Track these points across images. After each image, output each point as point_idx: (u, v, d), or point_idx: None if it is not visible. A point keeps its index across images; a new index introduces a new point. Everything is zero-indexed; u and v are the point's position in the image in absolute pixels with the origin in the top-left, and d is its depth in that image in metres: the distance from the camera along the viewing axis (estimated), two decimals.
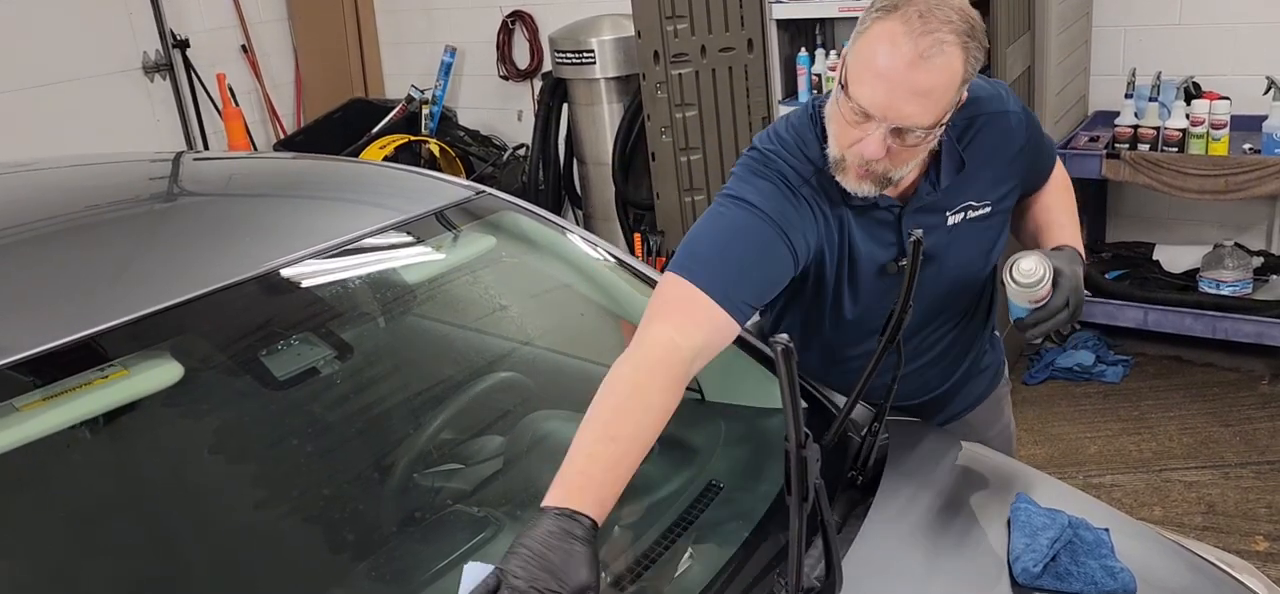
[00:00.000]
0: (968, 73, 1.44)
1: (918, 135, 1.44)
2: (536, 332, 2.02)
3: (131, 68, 5.26)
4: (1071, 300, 1.56)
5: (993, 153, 1.65)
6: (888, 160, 1.48)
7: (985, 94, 1.66)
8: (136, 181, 2.10)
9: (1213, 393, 3.72)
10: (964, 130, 1.63)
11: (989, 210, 1.68)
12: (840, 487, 1.60)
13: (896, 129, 1.43)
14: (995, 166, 1.67)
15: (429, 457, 1.63)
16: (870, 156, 1.46)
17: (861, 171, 1.50)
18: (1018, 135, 1.68)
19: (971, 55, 1.43)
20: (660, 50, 4.17)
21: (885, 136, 1.44)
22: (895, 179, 1.53)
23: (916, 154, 1.51)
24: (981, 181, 1.66)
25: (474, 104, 5.80)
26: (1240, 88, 3.66)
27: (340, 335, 1.62)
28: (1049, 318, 1.56)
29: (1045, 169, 1.80)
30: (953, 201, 1.64)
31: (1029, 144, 1.71)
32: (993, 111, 1.66)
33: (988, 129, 1.65)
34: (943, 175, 1.61)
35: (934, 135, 1.49)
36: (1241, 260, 3.76)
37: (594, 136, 4.84)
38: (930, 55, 1.38)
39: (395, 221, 1.82)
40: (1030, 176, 1.76)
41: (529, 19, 5.43)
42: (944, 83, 1.41)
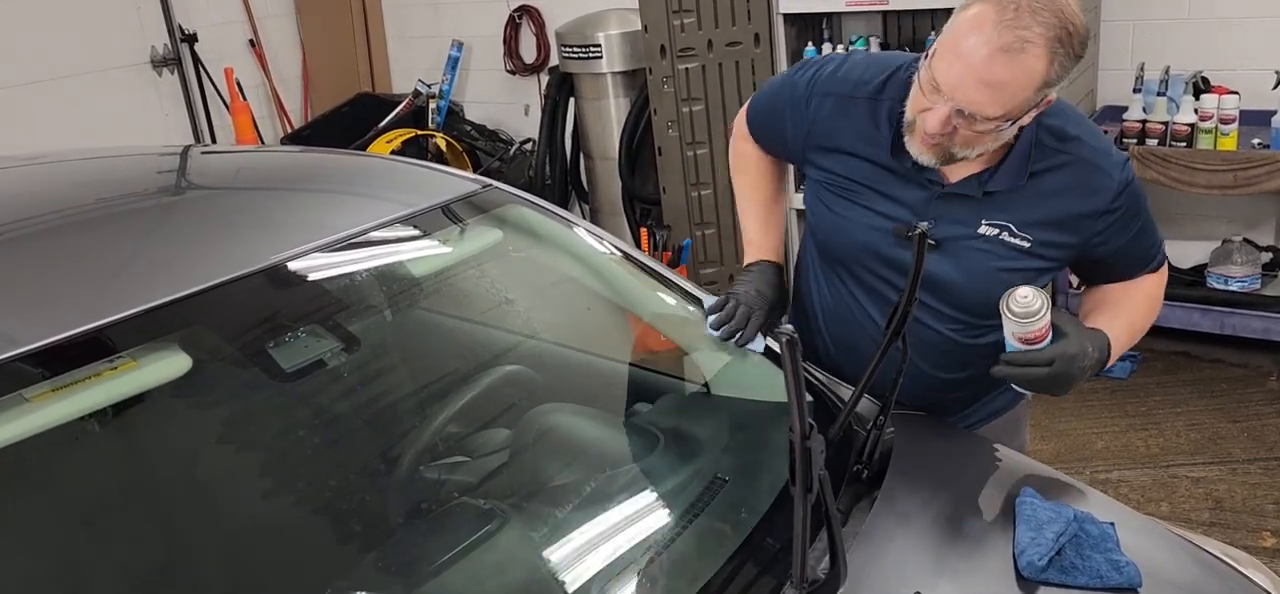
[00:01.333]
0: (1051, 76, 1.43)
1: (984, 124, 1.45)
2: (543, 325, 2.03)
3: (139, 62, 5.27)
4: (1058, 364, 1.52)
5: (1062, 193, 1.59)
6: (951, 138, 1.50)
7: (1089, 141, 1.61)
8: (145, 175, 2.11)
9: (1220, 389, 3.72)
10: (1048, 156, 1.58)
11: (1027, 245, 1.61)
12: (845, 480, 1.60)
13: (962, 112, 1.45)
14: (1057, 209, 1.59)
15: (435, 449, 1.63)
16: (929, 131, 1.49)
17: (926, 140, 1.52)
18: (1102, 198, 1.59)
19: (1059, 61, 1.42)
20: (667, 45, 4.17)
21: (950, 116, 1.46)
22: (959, 156, 1.53)
23: (983, 141, 1.50)
24: (1034, 212, 1.59)
25: (481, 98, 5.80)
26: (1249, 82, 3.65)
27: (347, 328, 1.63)
28: (1028, 365, 1.53)
29: (1128, 267, 1.70)
30: (994, 213, 1.60)
31: (1114, 222, 1.61)
32: (1088, 160, 1.59)
33: (1071, 169, 1.58)
34: (996, 180, 1.58)
35: (1004, 129, 1.47)
36: (1250, 256, 3.74)
37: (601, 131, 4.84)
38: (1012, 50, 1.39)
39: (402, 215, 1.82)
40: (1108, 255, 1.66)
41: (536, 13, 5.43)
42: (1020, 80, 1.41)
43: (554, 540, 1.52)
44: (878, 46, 4.02)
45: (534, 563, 1.49)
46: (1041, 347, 1.53)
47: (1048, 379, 1.54)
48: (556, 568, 1.48)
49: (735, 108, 4.19)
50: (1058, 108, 1.61)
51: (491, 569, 1.46)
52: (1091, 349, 1.56)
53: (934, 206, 1.62)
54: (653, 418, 1.86)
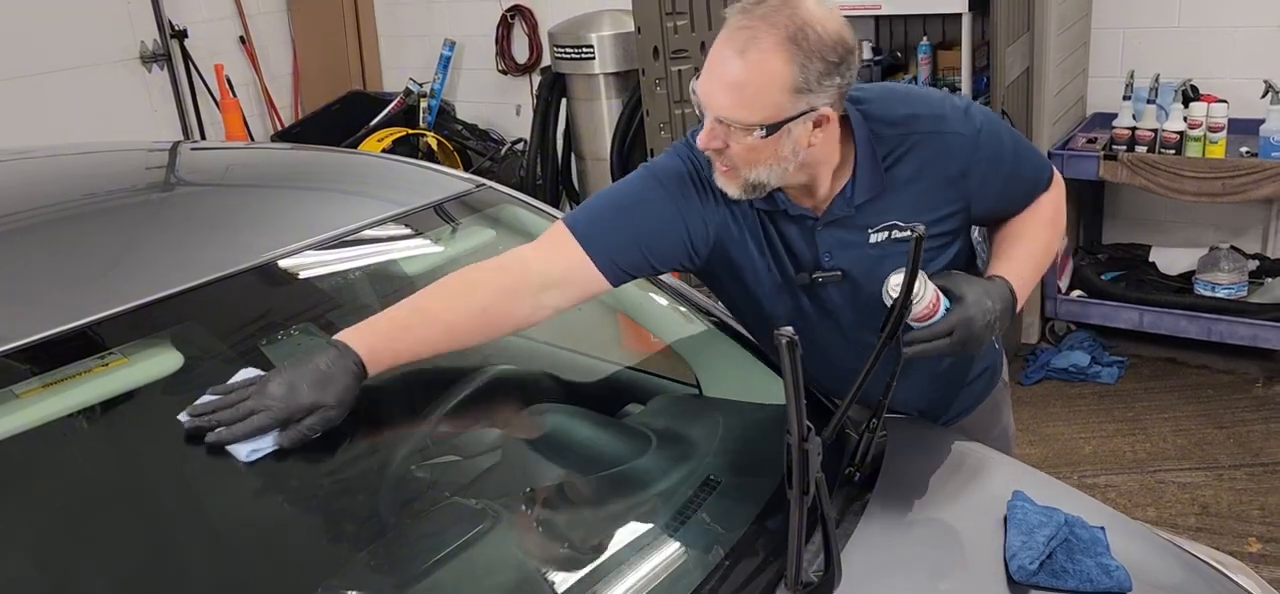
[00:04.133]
0: (798, 80, 1.41)
1: (744, 135, 1.43)
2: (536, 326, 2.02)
3: (129, 57, 5.25)
4: (958, 330, 1.50)
5: (922, 173, 1.59)
6: (728, 157, 1.48)
7: (923, 112, 1.61)
8: (135, 171, 2.10)
9: (1207, 395, 3.74)
10: (893, 148, 1.58)
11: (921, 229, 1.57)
12: (837, 483, 1.60)
13: (722, 122, 1.44)
14: (925, 189, 1.59)
15: (427, 449, 1.62)
16: (702, 146, 1.49)
17: (718, 169, 1.52)
18: (958, 157, 1.59)
19: (800, 62, 1.40)
20: (660, 46, 4.16)
21: (713, 128, 1.46)
22: (753, 181, 1.50)
23: (759, 157, 1.47)
24: (907, 200, 1.59)
25: (472, 98, 5.79)
26: (1238, 91, 3.67)
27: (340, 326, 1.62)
28: (927, 340, 1.51)
29: (1019, 194, 1.70)
30: (875, 220, 1.60)
31: (982, 166, 1.61)
32: (926, 131, 1.59)
33: (919, 148, 1.59)
34: (857, 191, 1.58)
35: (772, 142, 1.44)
36: (1237, 263, 3.77)
37: (592, 132, 4.84)
38: (743, 50, 1.40)
39: (395, 213, 1.82)
40: (992, 200, 1.66)
41: (528, 13, 5.42)
42: (758, 80, 1.40)
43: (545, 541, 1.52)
44: (870, 51, 4.03)
45: (525, 563, 1.49)
46: (937, 318, 1.51)
47: (954, 345, 1.52)
48: (546, 568, 1.48)
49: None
50: (881, 95, 1.62)
51: (483, 569, 1.45)
52: (991, 302, 1.54)
53: (821, 240, 1.61)
54: (645, 419, 1.86)
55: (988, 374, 1.96)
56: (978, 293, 1.54)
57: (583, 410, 1.82)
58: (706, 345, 1.94)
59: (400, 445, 1.62)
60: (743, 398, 1.88)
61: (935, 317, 1.52)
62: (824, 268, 1.61)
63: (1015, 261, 1.65)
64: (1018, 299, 1.60)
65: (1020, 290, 1.61)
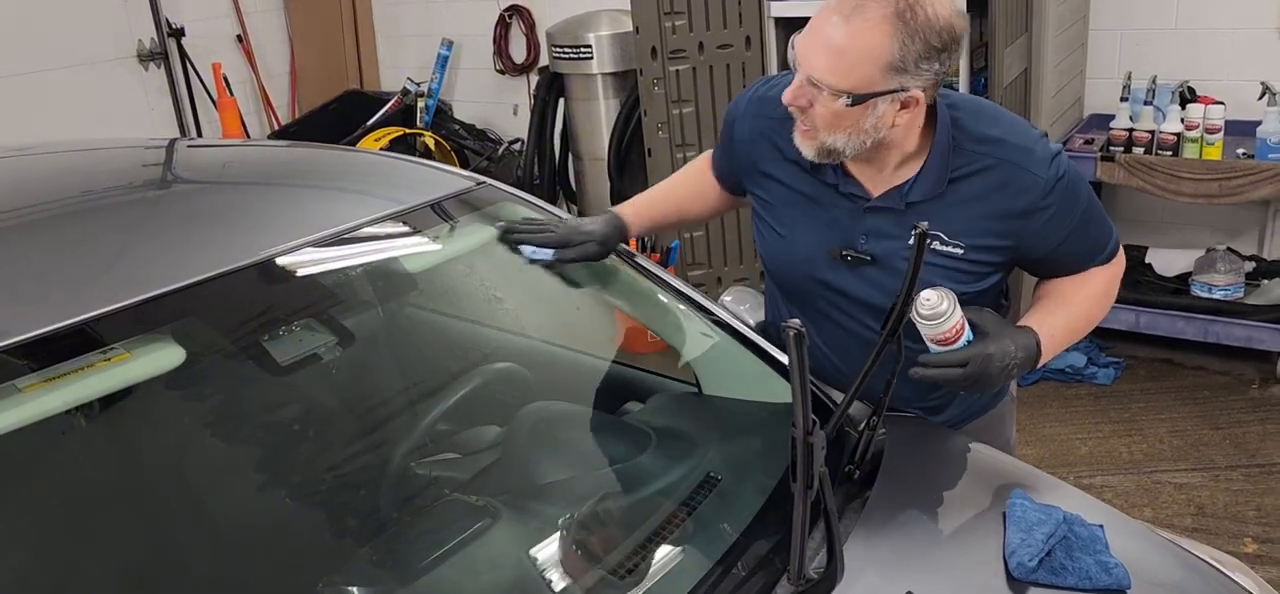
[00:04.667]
0: (897, 58, 1.43)
1: (831, 99, 1.46)
2: (535, 323, 2.03)
3: (126, 56, 5.24)
4: (973, 365, 1.50)
5: (987, 197, 1.57)
6: (810, 117, 1.51)
7: (1012, 140, 1.58)
8: (133, 168, 2.10)
9: (1203, 396, 3.75)
10: (968, 162, 1.57)
11: (960, 252, 1.59)
12: (838, 480, 1.61)
13: (813, 82, 1.47)
14: (984, 213, 1.58)
15: (427, 445, 1.63)
16: (787, 101, 1.52)
17: (799, 127, 1.56)
18: (1029, 198, 1.56)
19: (902, 41, 1.42)
20: (658, 47, 4.17)
21: (803, 84, 1.49)
22: (828, 146, 1.53)
23: (841, 124, 1.49)
24: (961, 219, 1.58)
25: (470, 98, 5.79)
26: (1234, 93, 3.68)
27: (342, 323, 1.62)
28: (943, 365, 1.50)
29: (1076, 256, 1.66)
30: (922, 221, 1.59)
31: (1047, 220, 1.58)
32: (1010, 160, 1.56)
33: (993, 171, 1.56)
34: (916, 187, 1.58)
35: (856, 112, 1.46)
36: (1233, 264, 3.78)
37: (590, 131, 4.84)
38: (850, 16, 1.43)
39: (395, 211, 1.82)
40: (1046, 251, 1.63)
41: (526, 13, 5.42)
42: (858, 48, 1.43)
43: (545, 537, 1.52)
44: None
45: (525, 560, 1.49)
46: (956, 347, 1.51)
47: (964, 380, 1.52)
48: (547, 564, 1.48)
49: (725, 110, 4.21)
50: (974, 108, 1.62)
51: (482, 566, 1.46)
52: (1014, 349, 1.53)
53: (861, 222, 1.62)
54: (644, 417, 1.86)
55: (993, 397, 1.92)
56: (1004, 339, 1.53)
57: (583, 408, 1.82)
58: (706, 343, 1.94)
59: (399, 442, 1.62)
60: (742, 396, 1.88)
61: (956, 344, 1.51)
62: (857, 248, 1.62)
63: (1053, 321, 1.62)
64: (1042, 358, 1.58)
65: (1047, 350, 1.59)
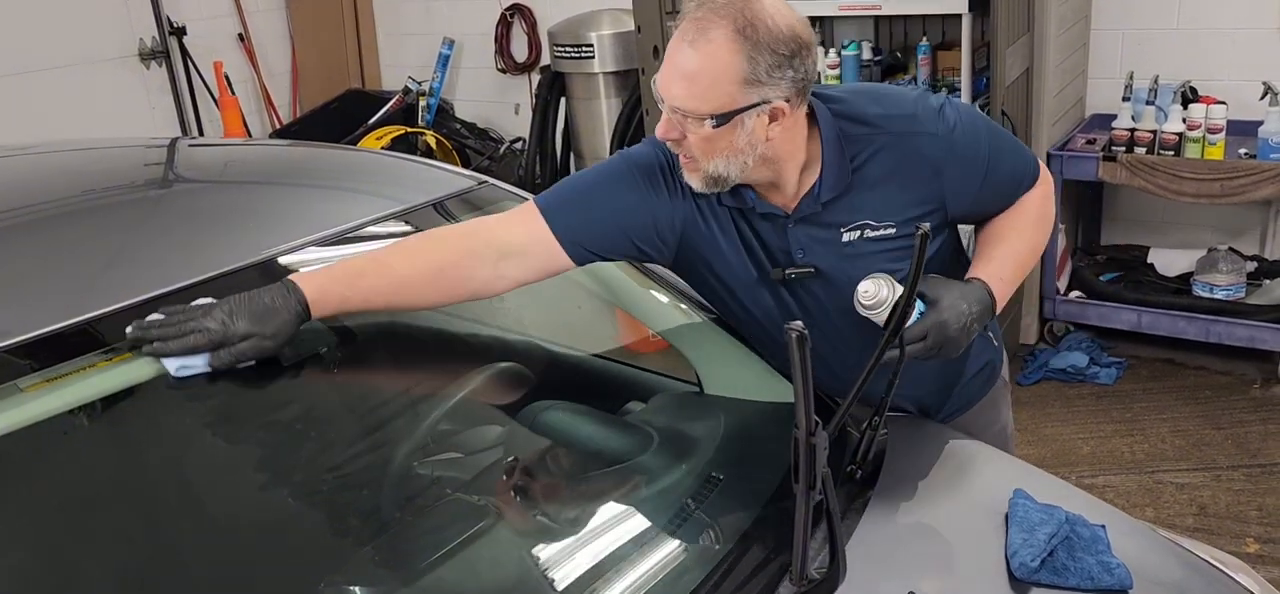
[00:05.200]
0: (749, 71, 1.43)
1: (697, 125, 1.46)
2: (537, 322, 2.02)
3: (128, 55, 5.24)
4: (933, 334, 1.50)
5: (893, 173, 1.59)
6: (686, 148, 1.51)
7: (895, 112, 1.60)
8: (134, 167, 2.10)
9: (1205, 396, 3.74)
10: (862, 147, 1.58)
11: (894, 231, 1.60)
12: (840, 481, 1.61)
13: (679, 112, 1.47)
14: (898, 186, 1.59)
15: (429, 445, 1.63)
16: (660, 136, 1.52)
17: (681, 162, 1.55)
18: (930, 157, 1.58)
19: (748, 54, 1.42)
20: (660, 45, 4.17)
21: (671, 119, 1.49)
22: (712, 173, 1.52)
23: (715, 148, 1.49)
24: (880, 199, 1.59)
25: (471, 97, 5.79)
26: (1236, 93, 3.68)
27: (343, 323, 1.62)
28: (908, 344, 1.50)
29: (1000, 192, 1.68)
30: (846, 218, 1.60)
31: (957, 165, 1.60)
32: (897, 131, 1.58)
33: (889, 149, 1.58)
34: (824, 189, 1.58)
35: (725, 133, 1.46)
36: (1235, 264, 3.78)
37: (592, 131, 4.84)
38: (694, 40, 1.43)
39: (397, 210, 1.82)
40: (969, 200, 1.65)
41: (528, 12, 5.42)
42: (710, 71, 1.43)
43: (547, 537, 1.52)
44: (870, 51, 4.03)
45: (527, 560, 1.49)
46: (910, 324, 1.51)
47: (928, 351, 1.52)
48: (549, 565, 1.48)
49: None
50: (852, 96, 1.63)
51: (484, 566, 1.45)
52: (967, 306, 1.53)
53: (792, 238, 1.62)
54: (646, 416, 1.86)
55: (986, 371, 1.95)
56: (953, 297, 1.53)
57: (584, 407, 1.82)
58: (707, 342, 1.94)
59: (402, 442, 1.62)
60: (743, 395, 1.88)
61: (910, 320, 1.50)
62: (797, 264, 1.62)
63: (995, 262, 1.63)
64: (997, 300, 1.59)
65: (999, 292, 1.60)
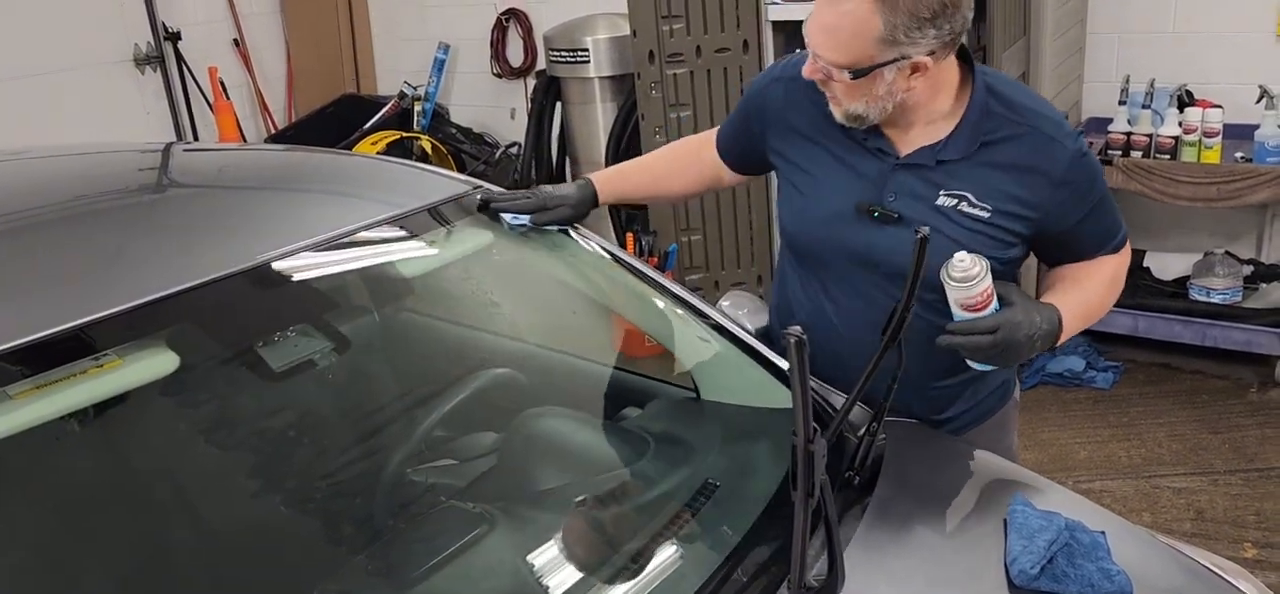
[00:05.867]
0: (887, 30, 1.49)
1: (838, 75, 1.55)
2: (532, 328, 2.02)
3: (122, 59, 5.22)
4: (1002, 331, 1.53)
5: (1017, 162, 1.62)
6: (831, 90, 1.61)
7: (1046, 113, 1.64)
8: (128, 172, 2.08)
9: (1202, 400, 3.74)
10: (1001, 128, 1.62)
11: (987, 215, 1.62)
12: (837, 487, 1.60)
13: (822, 62, 1.56)
14: (1014, 178, 1.62)
15: (423, 452, 1.62)
16: (806, 75, 1.61)
17: (827, 95, 1.63)
18: (1057, 168, 1.61)
19: (885, 15, 1.48)
20: (655, 50, 4.16)
21: (814, 62, 1.58)
22: (853, 113, 1.60)
23: (856, 94, 1.58)
24: (990, 182, 1.62)
25: (467, 102, 5.78)
26: (1232, 96, 3.68)
27: (338, 328, 1.61)
28: (972, 332, 1.54)
29: (1087, 244, 1.71)
30: (951, 184, 1.63)
31: (1070, 192, 1.63)
32: (1040, 129, 1.62)
33: (1025, 139, 1.61)
34: (949, 146, 1.62)
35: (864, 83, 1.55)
36: (1232, 268, 3.77)
37: (587, 135, 4.83)
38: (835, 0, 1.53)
39: (391, 216, 1.81)
40: (1066, 226, 1.66)
41: (523, 17, 5.41)
42: (847, 27, 1.51)
43: (542, 544, 1.51)
44: None
45: (521, 567, 1.48)
46: (985, 314, 1.54)
47: (992, 348, 1.54)
48: (544, 572, 1.47)
49: (723, 113, 4.20)
50: (1009, 81, 1.68)
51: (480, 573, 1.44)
52: (1040, 320, 1.57)
53: (890, 179, 1.65)
54: (642, 423, 1.85)
55: (1002, 389, 1.93)
56: (1029, 307, 1.57)
57: (580, 414, 1.81)
58: (704, 350, 1.93)
59: (396, 449, 1.61)
60: (740, 402, 1.87)
61: (985, 312, 1.54)
62: (884, 205, 1.65)
63: (1069, 301, 1.66)
64: (1062, 335, 1.61)
65: (1067, 329, 1.62)
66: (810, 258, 1.78)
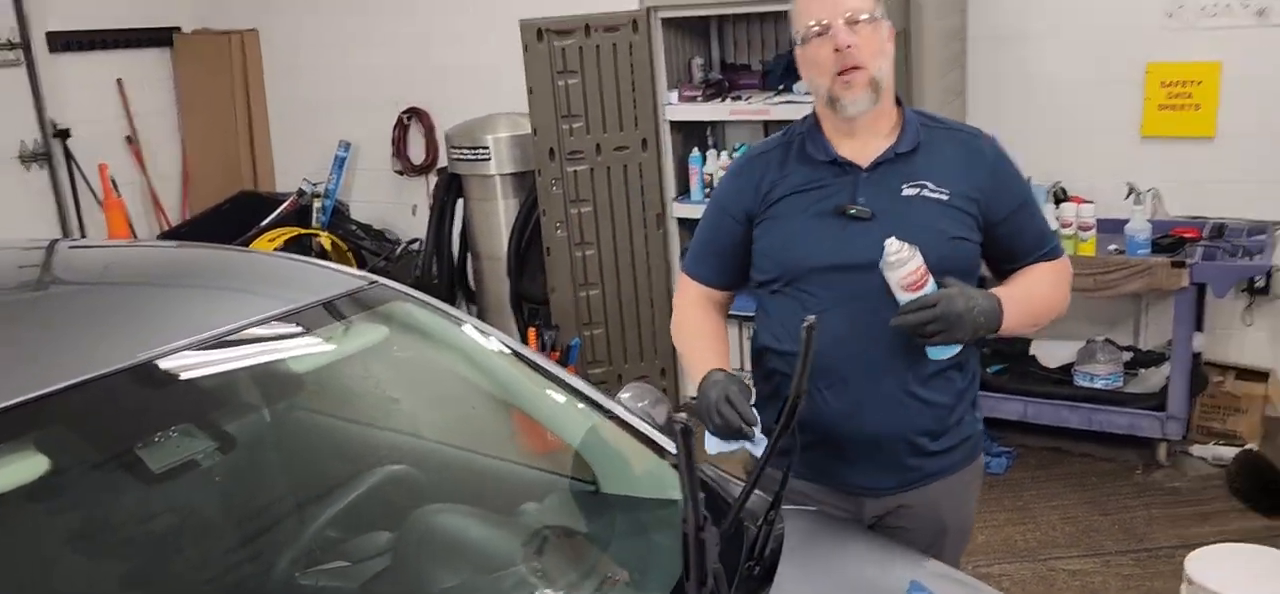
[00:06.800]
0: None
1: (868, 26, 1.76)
2: (429, 424, 1.98)
3: (6, 157, 5.06)
4: (943, 303, 1.69)
5: (953, 156, 1.84)
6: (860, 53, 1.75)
7: (965, 125, 1.96)
8: (7, 268, 2.00)
9: (1091, 483, 3.86)
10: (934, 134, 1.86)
11: (946, 198, 1.81)
12: (737, 578, 1.59)
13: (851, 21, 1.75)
14: (958, 170, 1.83)
15: (314, 553, 1.56)
16: (843, 43, 1.75)
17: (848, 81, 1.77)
18: (988, 157, 1.86)
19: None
20: (556, 147, 4.22)
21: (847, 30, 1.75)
22: (875, 76, 1.78)
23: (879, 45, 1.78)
24: (942, 172, 1.82)
25: (368, 199, 5.75)
26: (1103, 193, 3.89)
27: (223, 428, 1.56)
28: (915, 310, 1.69)
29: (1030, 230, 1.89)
30: (910, 176, 1.82)
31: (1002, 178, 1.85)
32: (960, 130, 1.92)
33: (951, 139, 1.87)
34: (901, 143, 1.83)
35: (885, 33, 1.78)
36: (1112, 354, 3.94)
37: (488, 231, 4.83)
38: None
39: (282, 311, 1.77)
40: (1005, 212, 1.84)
41: (424, 115, 5.44)
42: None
43: None
44: None
45: None
46: (924, 292, 1.69)
47: (935, 319, 1.68)
48: None
49: (623, 209, 4.28)
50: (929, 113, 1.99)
51: None
52: (978, 297, 1.73)
53: (861, 188, 1.82)
54: (541, 517, 1.82)
55: (970, 443, 1.97)
56: (965, 288, 1.74)
57: (477, 510, 1.78)
58: (602, 441, 1.92)
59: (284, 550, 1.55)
60: (639, 493, 1.86)
61: (924, 289, 1.69)
62: (858, 204, 1.80)
63: (1012, 291, 1.85)
64: (1005, 315, 1.77)
65: (1008, 310, 1.79)
66: (798, 279, 1.85)
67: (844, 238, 1.79)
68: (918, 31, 3.77)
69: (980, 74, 4.23)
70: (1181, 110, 3.96)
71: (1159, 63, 3.94)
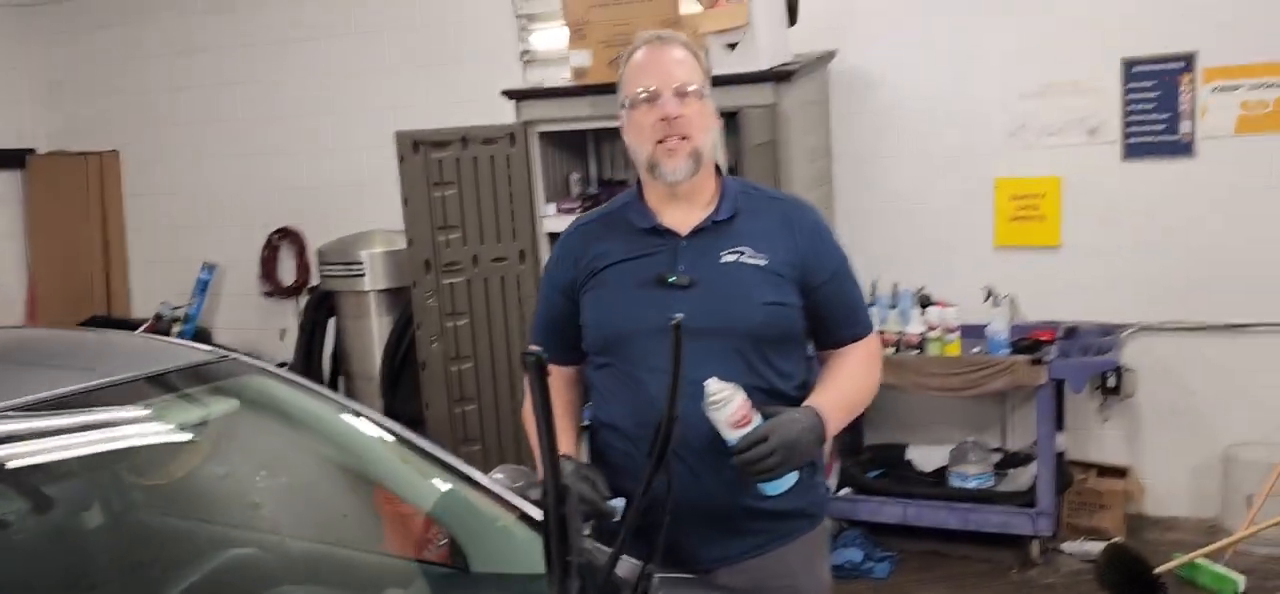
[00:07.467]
0: (705, 70, 1.86)
1: (694, 99, 1.80)
2: (284, 503, 1.84)
3: None
4: (775, 435, 1.68)
5: (771, 223, 1.88)
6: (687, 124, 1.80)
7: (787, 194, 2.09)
8: None
9: (970, 583, 3.87)
10: (756, 202, 1.91)
11: (765, 263, 1.83)
12: None
13: (680, 92, 1.79)
14: (777, 235, 1.86)
15: None
16: (672, 113, 1.79)
17: (671, 149, 1.80)
18: (809, 221, 1.91)
19: (701, 61, 1.86)
20: (432, 259, 4.15)
21: (676, 100, 1.80)
22: (698, 147, 1.82)
23: (705, 119, 1.83)
24: (761, 238, 1.85)
25: (233, 324, 5.52)
26: (964, 297, 4.03)
27: (41, 489, 1.41)
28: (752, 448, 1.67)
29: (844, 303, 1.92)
30: (728, 244, 1.84)
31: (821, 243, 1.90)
32: (780, 198, 2.00)
33: (779, 208, 1.92)
34: (719, 211, 1.86)
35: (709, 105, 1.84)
36: (983, 455, 4.02)
37: (362, 349, 4.69)
38: (667, 41, 1.86)
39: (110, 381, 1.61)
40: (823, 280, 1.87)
41: (296, 235, 5.30)
42: (688, 57, 1.85)
43: None
44: None
45: None
46: (752, 427, 1.68)
47: (773, 450, 1.67)
48: None
49: (501, 321, 4.21)
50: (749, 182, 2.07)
51: None
52: (801, 417, 1.75)
53: (681, 255, 1.84)
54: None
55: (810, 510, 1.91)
56: (788, 411, 1.75)
57: None
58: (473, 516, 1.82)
59: None
60: (512, 570, 1.76)
61: (752, 425, 1.67)
62: (678, 273, 1.82)
63: (827, 394, 1.86)
64: (827, 423, 1.78)
65: (829, 416, 1.80)
66: (621, 348, 1.84)
67: (665, 305, 1.76)
68: (784, 144, 3.89)
69: (846, 189, 4.39)
70: (1029, 221, 4.19)
71: (1006, 178, 4.17)
